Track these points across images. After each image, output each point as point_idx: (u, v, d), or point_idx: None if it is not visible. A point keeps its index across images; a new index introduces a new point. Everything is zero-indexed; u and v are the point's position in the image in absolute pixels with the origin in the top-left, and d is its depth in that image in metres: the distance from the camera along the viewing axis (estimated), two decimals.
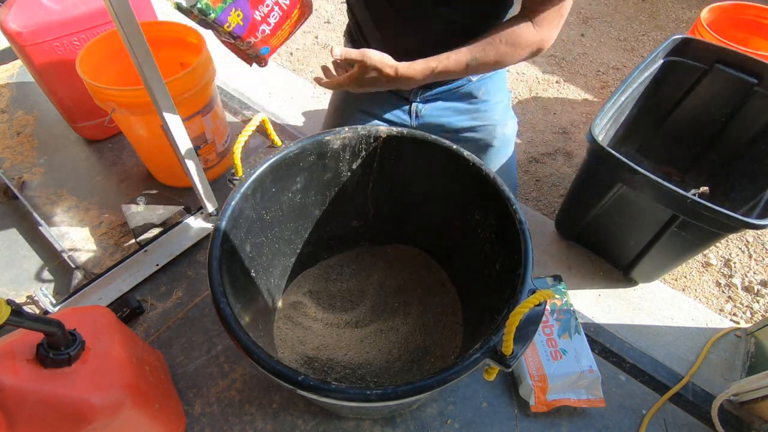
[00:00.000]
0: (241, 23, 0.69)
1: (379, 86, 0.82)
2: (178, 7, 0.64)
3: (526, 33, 0.77)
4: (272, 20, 0.73)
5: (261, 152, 1.41)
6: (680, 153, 1.30)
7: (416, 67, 0.78)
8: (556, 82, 1.80)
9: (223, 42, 0.77)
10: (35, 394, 0.57)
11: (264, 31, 0.72)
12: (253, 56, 0.79)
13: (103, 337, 0.69)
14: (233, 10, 0.67)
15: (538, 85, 1.79)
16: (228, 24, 0.68)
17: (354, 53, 0.76)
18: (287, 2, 0.73)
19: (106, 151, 1.41)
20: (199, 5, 0.64)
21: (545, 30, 0.77)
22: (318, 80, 0.87)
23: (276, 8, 0.72)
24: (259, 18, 0.71)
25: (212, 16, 0.65)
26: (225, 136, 1.30)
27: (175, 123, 0.87)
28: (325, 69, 0.93)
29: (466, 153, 0.79)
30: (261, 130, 1.47)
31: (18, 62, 1.68)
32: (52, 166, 1.36)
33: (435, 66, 0.78)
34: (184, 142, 0.91)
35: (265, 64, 0.81)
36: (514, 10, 0.86)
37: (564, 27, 2.06)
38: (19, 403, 0.56)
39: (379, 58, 0.77)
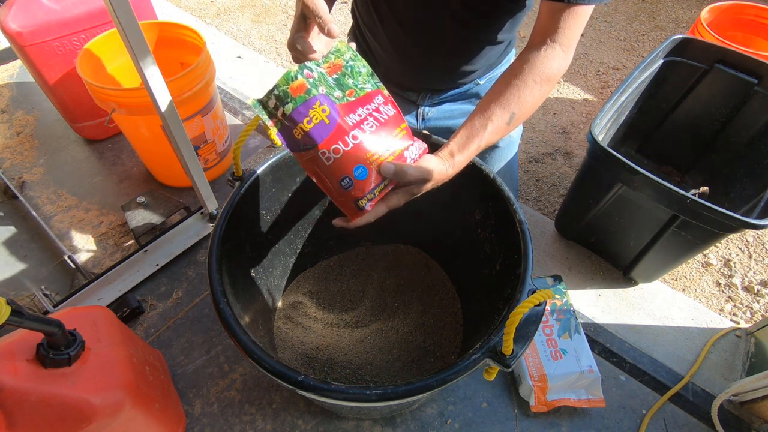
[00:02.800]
0: (327, 121, 0.54)
1: (432, 187, 0.66)
2: (259, 102, 0.53)
3: (557, 63, 0.66)
4: (367, 129, 0.56)
5: (261, 152, 1.41)
6: (680, 153, 1.30)
7: (461, 159, 0.66)
8: (557, 82, 1.80)
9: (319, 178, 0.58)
10: (35, 394, 0.57)
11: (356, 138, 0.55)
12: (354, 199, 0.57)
13: (103, 337, 0.69)
14: (317, 103, 0.53)
15: None
16: (308, 119, 0.53)
17: (390, 171, 0.58)
18: (388, 113, 0.57)
19: (106, 151, 1.41)
20: (276, 92, 0.52)
21: (570, 51, 0.68)
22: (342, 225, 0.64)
23: (371, 119, 0.56)
24: (350, 123, 0.55)
25: (290, 105, 0.53)
26: (225, 136, 1.30)
27: (175, 123, 0.87)
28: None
29: None
30: (261, 130, 1.47)
31: (18, 62, 1.68)
32: (52, 166, 1.36)
33: (477, 146, 0.66)
34: (184, 142, 0.91)
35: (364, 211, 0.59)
36: (522, 18, 0.84)
37: None
38: (19, 403, 0.56)
39: (422, 171, 0.60)
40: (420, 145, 0.61)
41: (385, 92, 0.60)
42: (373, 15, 0.88)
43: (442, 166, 0.63)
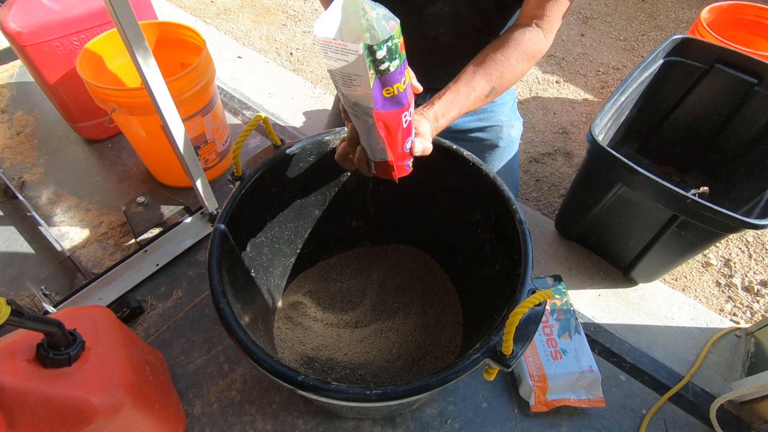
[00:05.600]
0: (407, 86, 0.53)
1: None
2: (367, 48, 0.46)
3: (538, 42, 0.72)
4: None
5: (261, 152, 1.41)
6: (680, 153, 1.30)
7: (443, 122, 0.69)
8: (556, 82, 1.80)
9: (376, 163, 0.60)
10: (35, 394, 0.57)
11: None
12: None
13: (103, 337, 0.69)
14: (407, 66, 0.52)
15: (538, 85, 1.79)
16: (404, 79, 0.52)
17: None
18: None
19: (106, 151, 1.41)
20: (389, 43, 0.47)
21: (551, 35, 0.75)
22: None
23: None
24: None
25: (396, 62, 0.49)
26: (225, 136, 1.30)
27: (175, 123, 0.87)
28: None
29: (465, 153, 0.79)
30: (261, 130, 1.47)
31: (18, 62, 1.68)
32: (52, 166, 1.36)
33: (457, 113, 0.70)
34: (184, 142, 0.91)
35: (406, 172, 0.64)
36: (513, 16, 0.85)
37: (564, 27, 2.06)
38: (19, 403, 0.56)
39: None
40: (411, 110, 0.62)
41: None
42: None
43: (430, 129, 0.67)
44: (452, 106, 0.69)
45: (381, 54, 0.47)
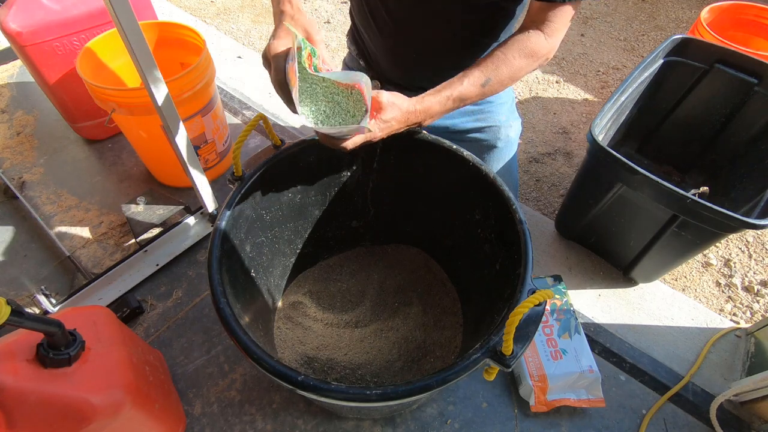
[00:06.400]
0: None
1: (402, 125, 0.73)
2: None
3: (539, 44, 0.74)
4: None
5: (261, 152, 1.41)
6: (680, 153, 1.30)
7: (430, 100, 0.72)
8: (556, 82, 1.80)
9: None
10: (35, 394, 0.57)
11: None
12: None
13: (103, 337, 0.69)
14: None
15: (538, 85, 1.79)
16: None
17: (372, 91, 0.67)
18: None
19: (106, 151, 1.41)
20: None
21: (554, 39, 0.75)
22: (340, 147, 0.71)
23: None
24: None
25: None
26: (225, 136, 1.30)
27: (175, 123, 0.87)
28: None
29: (465, 153, 0.79)
30: (261, 130, 1.47)
31: (18, 62, 1.68)
32: (52, 166, 1.36)
33: (449, 94, 0.72)
34: (184, 142, 0.91)
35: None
36: (515, 24, 0.85)
37: None
38: (19, 403, 0.56)
39: (394, 96, 0.69)
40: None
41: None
42: (367, 16, 0.88)
43: (409, 102, 0.70)
44: (443, 88, 0.72)
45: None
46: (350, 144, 0.66)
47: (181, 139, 0.90)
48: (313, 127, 0.62)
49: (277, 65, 0.63)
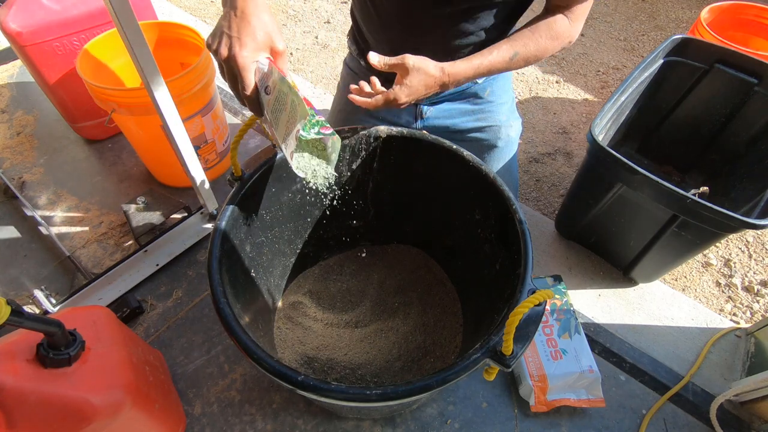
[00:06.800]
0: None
1: (429, 91, 0.76)
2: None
3: (563, 27, 0.78)
4: None
5: (261, 152, 1.41)
6: (680, 153, 1.30)
7: (460, 65, 0.76)
8: (556, 82, 1.80)
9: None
10: (35, 394, 0.57)
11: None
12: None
13: (103, 337, 0.69)
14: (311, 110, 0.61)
15: (538, 85, 1.79)
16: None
17: (393, 60, 0.71)
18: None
19: (106, 151, 1.41)
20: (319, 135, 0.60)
21: (577, 24, 0.79)
22: (356, 100, 0.76)
23: None
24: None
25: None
26: (225, 136, 1.30)
27: (175, 123, 0.87)
28: (356, 90, 0.79)
29: (465, 153, 0.79)
30: (261, 130, 1.47)
31: (18, 62, 1.68)
32: (52, 166, 1.36)
33: (479, 63, 0.77)
34: (184, 142, 0.91)
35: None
36: (513, 17, 0.86)
37: None
38: (19, 403, 0.56)
39: (421, 60, 0.72)
40: None
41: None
42: (370, 14, 0.88)
43: (437, 67, 0.73)
44: (473, 57, 0.76)
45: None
46: (371, 103, 0.70)
47: (181, 139, 0.90)
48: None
49: (247, 81, 0.59)
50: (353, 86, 0.77)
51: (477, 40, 0.84)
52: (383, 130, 0.82)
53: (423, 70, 0.72)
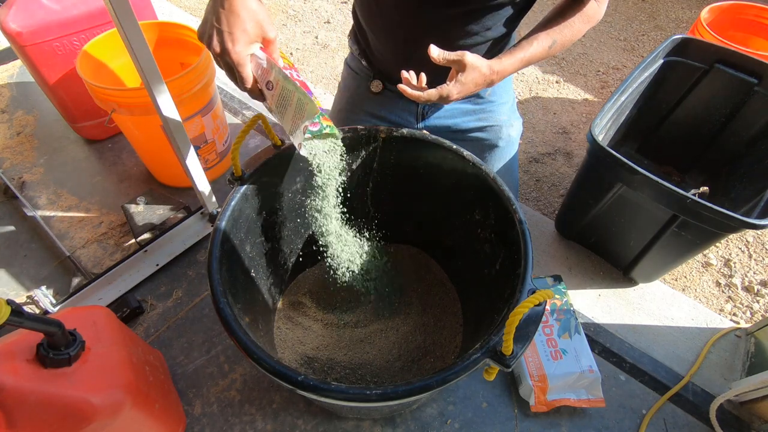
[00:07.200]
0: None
1: (477, 88, 0.77)
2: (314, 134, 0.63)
3: (592, 8, 0.81)
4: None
5: (261, 152, 1.41)
6: (680, 153, 1.30)
7: (506, 62, 0.77)
8: (556, 82, 1.80)
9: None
10: (35, 394, 0.57)
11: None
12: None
13: (103, 337, 0.69)
14: (314, 97, 0.63)
15: (538, 85, 1.79)
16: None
17: (452, 55, 0.72)
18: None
19: (106, 151, 1.41)
20: (325, 131, 0.64)
21: (603, 4, 0.82)
22: (408, 92, 0.74)
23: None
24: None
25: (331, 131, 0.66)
26: (225, 136, 1.30)
27: (175, 123, 0.87)
28: (407, 80, 0.76)
29: (466, 153, 0.79)
30: (261, 129, 1.47)
31: (18, 62, 1.68)
32: (52, 166, 1.36)
33: (522, 55, 0.78)
34: (184, 142, 0.91)
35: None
36: (516, 15, 0.85)
37: None
38: (19, 403, 0.56)
39: (476, 58, 0.73)
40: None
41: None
42: (372, 12, 0.88)
43: (488, 64, 0.74)
44: (515, 51, 0.78)
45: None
46: (423, 97, 0.72)
47: (181, 139, 0.90)
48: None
49: (244, 76, 0.60)
50: (404, 74, 0.76)
51: (482, 40, 0.84)
52: (383, 130, 0.82)
53: (478, 69, 0.73)
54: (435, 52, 0.71)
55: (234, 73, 0.60)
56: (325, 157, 0.70)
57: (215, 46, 0.59)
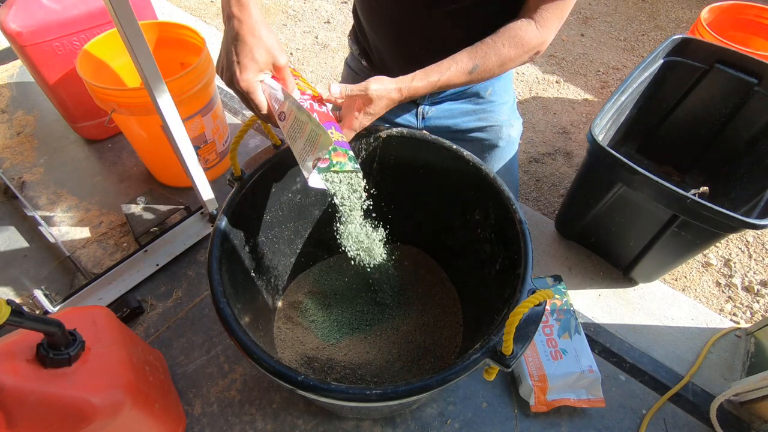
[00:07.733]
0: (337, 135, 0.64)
1: (388, 110, 0.75)
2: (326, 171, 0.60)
3: (529, 34, 0.73)
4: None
5: (261, 152, 1.41)
6: (680, 153, 1.30)
7: (418, 83, 0.73)
8: (556, 82, 1.80)
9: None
10: (35, 394, 0.57)
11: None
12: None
13: (103, 337, 0.69)
14: (332, 129, 0.63)
15: (538, 85, 1.79)
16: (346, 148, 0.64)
17: (355, 89, 0.69)
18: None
19: (106, 151, 1.41)
20: (334, 168, 0.61)
21: (546, 30, 0.74)
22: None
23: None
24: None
25: (350, 165, 0.62)
26: (225, 136, 1.30)
27: (175, 123, 0.87)
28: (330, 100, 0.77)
29: (465, 153, 0.79)
30: (261, 129, 1.47)
31: (18, 62, 1.68)
32: (52, 166, 1.36)
33: (437, 79, 0.73)
34: (184, 142, 0.91)
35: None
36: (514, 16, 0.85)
37: (564, 27, 2.06)
38: (19, 403, 0.56)
39: (382, 86, 0.70)
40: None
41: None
42: (372, 11, 0.88)
43: (396, 88, 0.71)
44: (431, 72, 0.73)
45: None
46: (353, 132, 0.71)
47: (181, 139, 0.90)
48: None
49: (257, 102, 0.61)
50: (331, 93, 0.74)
51: (474, 39, 0.84)
52: (383, 130, 0.82)
53: (385, 97, 0.70)
54: (335, 89, 0.69)
55: (248, 101, 0.61)
56: (338, 186, 0.69)
57: (226, 77, 0.60)
